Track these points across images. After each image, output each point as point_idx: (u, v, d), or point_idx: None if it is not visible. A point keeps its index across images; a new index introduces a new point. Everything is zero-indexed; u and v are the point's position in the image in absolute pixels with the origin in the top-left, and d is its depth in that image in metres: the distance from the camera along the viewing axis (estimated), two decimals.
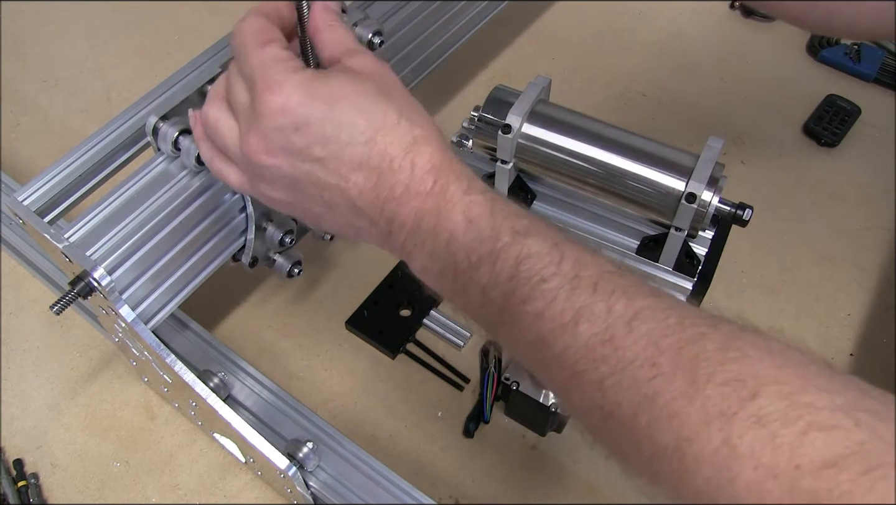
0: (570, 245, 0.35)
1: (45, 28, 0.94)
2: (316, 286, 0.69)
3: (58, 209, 0.51)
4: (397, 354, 0.64)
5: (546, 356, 0.34)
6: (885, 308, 0.66)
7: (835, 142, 0.78)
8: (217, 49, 0.55)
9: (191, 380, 0.50)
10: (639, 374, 0.30)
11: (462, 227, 0.36)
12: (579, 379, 0.32)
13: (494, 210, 0.36)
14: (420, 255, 0.38)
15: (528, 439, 0.59)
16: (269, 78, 0.38)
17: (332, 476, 0.52)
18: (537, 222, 0.36)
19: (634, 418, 0.30)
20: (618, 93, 0.85)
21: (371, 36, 0.54)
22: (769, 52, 0.87)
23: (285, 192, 0.41)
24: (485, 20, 0.75)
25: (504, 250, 0.35)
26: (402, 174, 0.37)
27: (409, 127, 0.38)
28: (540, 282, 0.34)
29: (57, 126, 0.83)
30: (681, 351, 0.30)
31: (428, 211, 0.37)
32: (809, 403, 0.26)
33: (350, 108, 0.38)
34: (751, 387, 0.27)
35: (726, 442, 0.27)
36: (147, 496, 0.57)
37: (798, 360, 0.29)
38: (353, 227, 0.40)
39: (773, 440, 0.26)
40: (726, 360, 0.29)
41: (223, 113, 0.42)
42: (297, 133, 0.38)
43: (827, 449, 0.25)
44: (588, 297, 0.33)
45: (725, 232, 0.62)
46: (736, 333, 0.30)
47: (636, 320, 0.31)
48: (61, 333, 0.66)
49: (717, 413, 0.27)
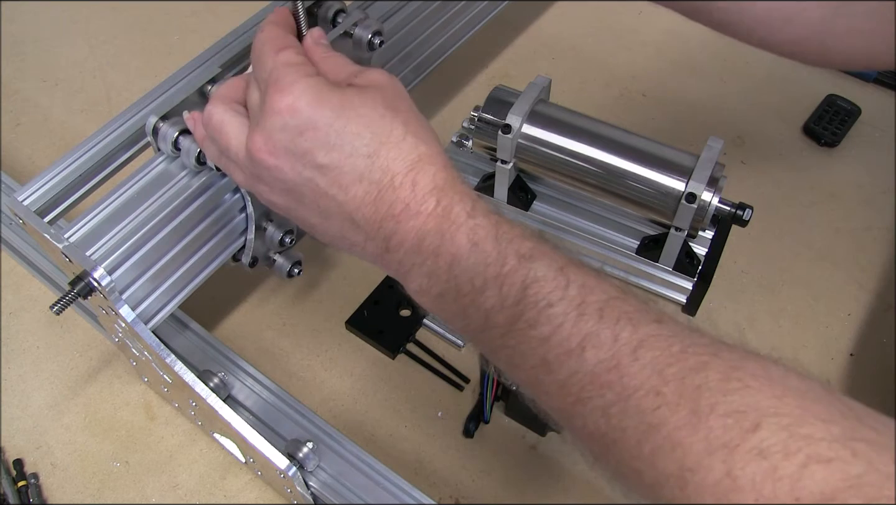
0: (575, 269, 0.35)
1: (45, 28, 0.94)
2: (316, 286, 0.69)
3: (58, 209, 0.51)
4: (397, 354, 0.64)
5: (550, 381, 0.34)
6: (885, 308, 0.66)
7: (835, 142, 0.78)
8: (217, 49, 0.55)
9: (191, 380, 0.50)
10: (643, 402, 0.30)
11: (466, 251, 0.36)
12: (584, 405, 0.33)
13: (499, 233, 0.36)
14: (418, 275, 0.37)
15: (528, 439, 0.59)
16: (281, 79, 0.38)
17: (332, 476, 0.52)
18: (541, 245, 0.36)
19: (638, 446, 0.30)
20: (618, 93, 0.85)
21: (371, 36, 0.54)
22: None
23: (283, 196, 0.41)
24: (485, 20, 0.75)
25: (510, 275, 0.35)
26: (403, 192, 0.37)
27: (414, 144, 0.38)
28: (547, 307, 0.34)
29: (57, 126, 0.83)
30: (684, 381, 0.30)
31: (430, 232, 0.36)
32: (808, 435, 0.27)
33: (357, 120, 0.38)
34: (752, 418, 0.28)
35: (728, 473, 0.27)
36: (147, 496, 0.57)
37: (796, 387, 0.29)
38: (348, 240, 0.40)
39: (774, 473, 0.26)
40: (728, 390, 0.29)
41: (228, 115, 0.42)
42: (302, 136, 0.38)
43: (825, 482, 0.25)
44: (594, 323, 0.33)
45: (725, 232, 0.62)
46: (737, 361, 0.30)
47: (641, 348, 0.31)
48: (61, 333, 0.66)
49: (720, 445, 0.28)
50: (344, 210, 0.38)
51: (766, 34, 0.51)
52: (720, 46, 0.88)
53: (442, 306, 0.38)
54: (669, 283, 0.62)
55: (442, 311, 0.38)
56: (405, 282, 0.39)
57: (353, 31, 0.54)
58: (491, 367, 0.57)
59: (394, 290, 0.68)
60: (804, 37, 0.50)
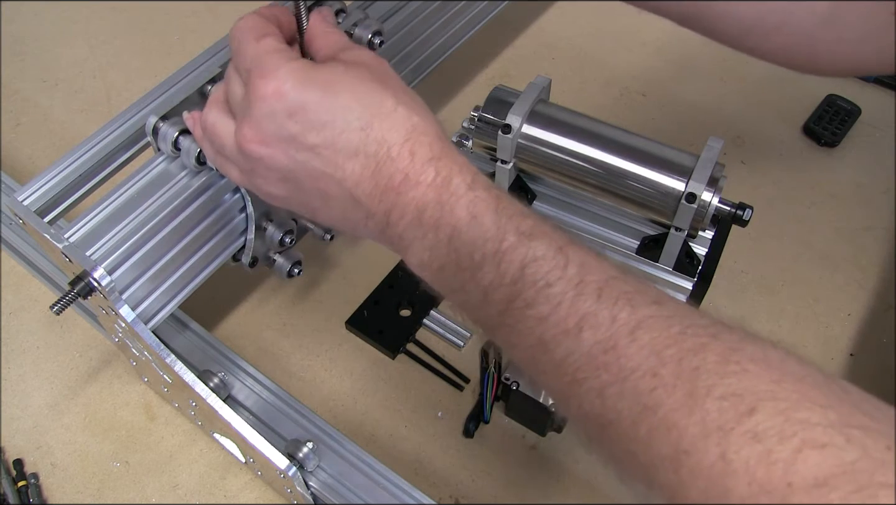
0: (575, 248, 0.35)
1: (45, 28, 0.94)
2: (316, 286, 0.69)
3: (58, 209, 0.51)
4: (397, 354, 0.64)
5: (546, 360, 0.34)
6: (885, 308, 0.66)
7: (835, 142, 0.78)
8: (217, 49, 0.55)
9: (191, 380, 0.50)
10: (640, 384, 0.30)
11: (465, 224, 0.35)
12: (580, 386, 0.32)
13: (499, 208, 0.36)
14: (419, 248, 0.37)
15: (528, 439, 0.59)
16: (264, 66, 0.38)
17: (332, 476, 0.52)
18: (541, 224, 0.36)
19: (634, 427, 0.30)
20: (618, 93, 0.85)
21: (371, 36, 0.54)
22: None
23: (280, 185, 0.40)
24: (485, 20, 0.75)
25: (509, 252, 0.35)
26: (402, 162, 0.36)
27: (406, 114, 0.37)
28: (545, 286, 0.34)
29: (57, 126, 0.83)
30: (682, 362, 0.30)
31: (430, 203, 0.36)
32: (804, 420, 0.27)
33: (346, 94, 0.37)
34: (748, 402, 0.28)
35: (723, 456, 0.27)
36: (147, 496, 0.57)
37: (795, 372, 0.29)
38: (350, 220, 0.40)
39: (768, 457, 0.26)
40: (726, 373, 0.29)
41: (220, 115, 0.42)
42: (291, 119, 0.37)
43: (819, 467, 0.25)
44: (592, 303, 0.33)
45: (725, 232, 0.62)
46: (736, 343, 0.30)
47: (639, 329, 0.31)
48: (61, 333, 0.66)
49: (716, 427, 0.28)
50: (343, 187, 0.38)
51: (756, 41, 0.51)
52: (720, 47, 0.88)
53: (442, 281, 0.38)
54: (669, 283, 0.62)
55: (442, 285, 0.38)
56: (406, 255, 0.38)
57: (353, 31, 0.54)
58: (491, 367, 0.57)
59: (394, 290, 0.68)
60: (794, 44, 0.50)
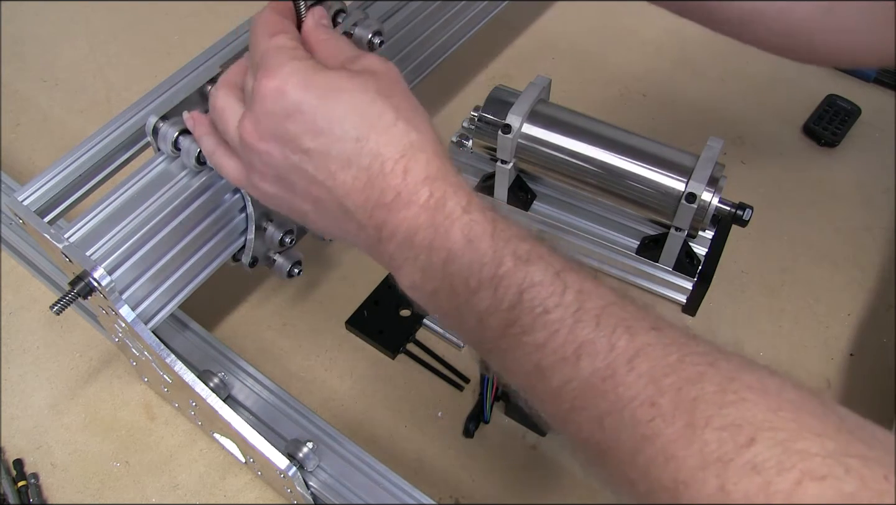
0: (573, 274, 0.34)
1: (45, 28, 0.94)
2: (316, 286, 0.69)
3: (58, 209, 0.51)
4: (397, 354, 0.64)
5: (544, 387, 0.34)
6: (886, 308, 0.66)
7: (835, 142, 0.78)
8: (217, 49, 0.55)
9: (191, 380, 0.50)
10: (638, 413, 0.30)
11: (461, 248, 0.35)
12: (578, 414, 0.32)
13: (496, 231, 0.35)
14: (411, 270, 0.37)
15: (528, 439, 0.59)
16: (270, 62, 0.38)
17: (332, 476, 0.52)
18: (539, 247, 0.35)
19: (632, 457, 0.30)
20: (618, 93, 0.84)
21: (371, 36, 0.54)
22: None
23: (275, 185, 0.40)
24: (485, 20, 0.75)
25: (506, 277, 0.34)
26: (394, 179, 0.36)
27: (405, 130, 0.37)
28: (543, 313, 0.33)
29: (57, 126, 0.83)
30: (680, 392, 0.30)
31: (422, 225, 0.36)
32: (803, 450, 0.27)
33: (344, 103, 0.37)
34: (747, 432, 0.27)
35: (722, 488, 0.27)
36: (147, 496, 0.57)
37: (792, 400, 0.29)
38: (342, 229, 0.39)
39: (767, 488, 0.26)
40: (724, 403, 0.29)
41: (230, 100, 0.41)
42: (288, 119, 0.37)
43: (818, 499, 0.25)
44: (591, 331, 0.32)
45: (725, 232, 0.62)
46: (734, 372, 0.30)
47: (637, 358, 0.31)
48: (61, 333, 0.66)
49: (715, 459, 0.27)
50: (334, 196, 0.38)
51: (755, 30, 0.51)
52: (720, 46, 0.88)
53: (436, 304, 0.37)
54: (669, 283, 0.62)
55: (436, 309, 0.38)
56: (398, 275, 0.38)
57: (353, 30, 0.54)
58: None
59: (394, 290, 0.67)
60: (794, 34, 0.50)
